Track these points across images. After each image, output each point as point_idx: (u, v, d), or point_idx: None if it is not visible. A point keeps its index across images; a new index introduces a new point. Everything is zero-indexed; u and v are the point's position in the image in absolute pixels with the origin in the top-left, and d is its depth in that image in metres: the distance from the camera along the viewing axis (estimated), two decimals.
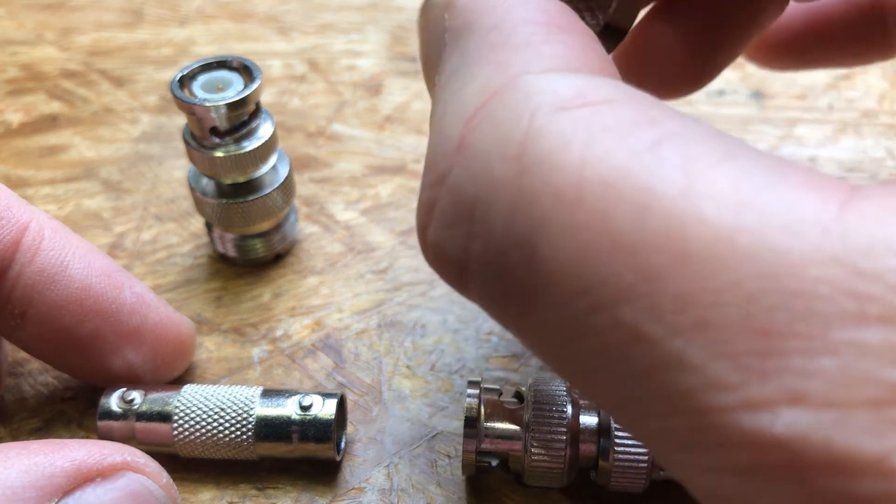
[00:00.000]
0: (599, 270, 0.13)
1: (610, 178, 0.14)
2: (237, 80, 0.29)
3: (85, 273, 0.26)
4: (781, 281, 0.12)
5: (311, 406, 0.26)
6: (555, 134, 0.14)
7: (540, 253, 0.14)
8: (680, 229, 0.13)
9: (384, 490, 0.26)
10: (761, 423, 0.12)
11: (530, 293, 0.14)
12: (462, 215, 0.15)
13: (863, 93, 0.41)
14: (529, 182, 0.14)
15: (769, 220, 0.13)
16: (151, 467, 0.23)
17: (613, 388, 0.14)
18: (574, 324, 0.14)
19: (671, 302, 0.13)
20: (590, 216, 0.14)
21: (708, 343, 0.12)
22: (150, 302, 0.27)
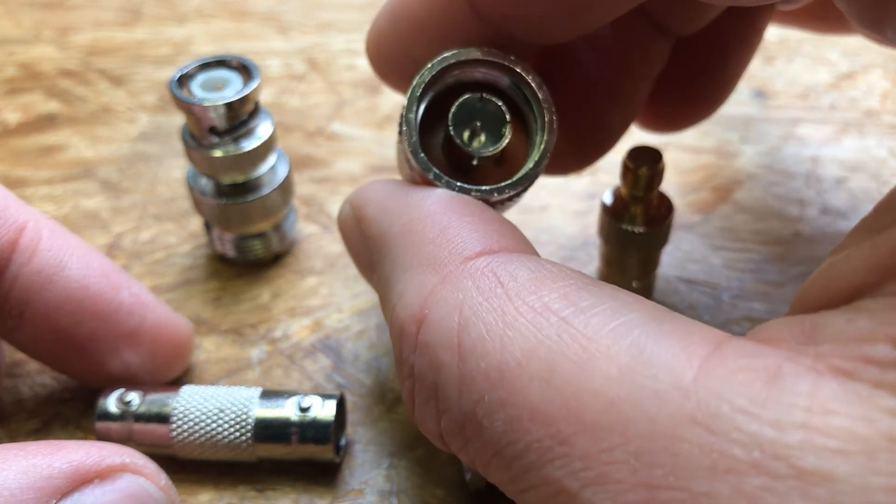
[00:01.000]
0: (524, 438, 0.16)
1: (522, 360, 0.17)
2: (236, 80, 0.29)
3: (83, 273, 0.26)
4: (656, 441, 0.15)
5: (310, 407, 0.26)
6: (478, 325, 0.18)
7: (482, 425, 0.17)
8: (576, 400, 0.16)
9: (384, 492, 0.26)
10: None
11: (486, 457, 0.17)
12: (429, 397, 0.18)
13: (865, 92, 0.40)
14: (465, 367, 0.17)
15: (643, 388, 0.15)
16: (150, 469, 0.23)
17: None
18: (517, 481, 0.17)
19: (579, 461, 0.15)
20: (510, 393, 0.17)
21: (609, 494, 0.15)
22: (148, 302, 0.27)
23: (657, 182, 0.28)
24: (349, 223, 0.24)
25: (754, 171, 0.37)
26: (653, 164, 0.27)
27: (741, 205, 0.35)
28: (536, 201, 0.36)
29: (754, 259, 0.33)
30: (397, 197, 0.22)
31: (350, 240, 0.24)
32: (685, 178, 0.36)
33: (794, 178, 0.36)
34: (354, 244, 0.24)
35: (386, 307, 0.21)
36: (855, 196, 0.35)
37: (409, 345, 0.19)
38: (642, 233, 0.28)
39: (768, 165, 0.37)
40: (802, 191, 0.36)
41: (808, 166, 0.37)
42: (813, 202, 0.35)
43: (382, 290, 0.21)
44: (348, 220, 0.24)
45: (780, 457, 0.14)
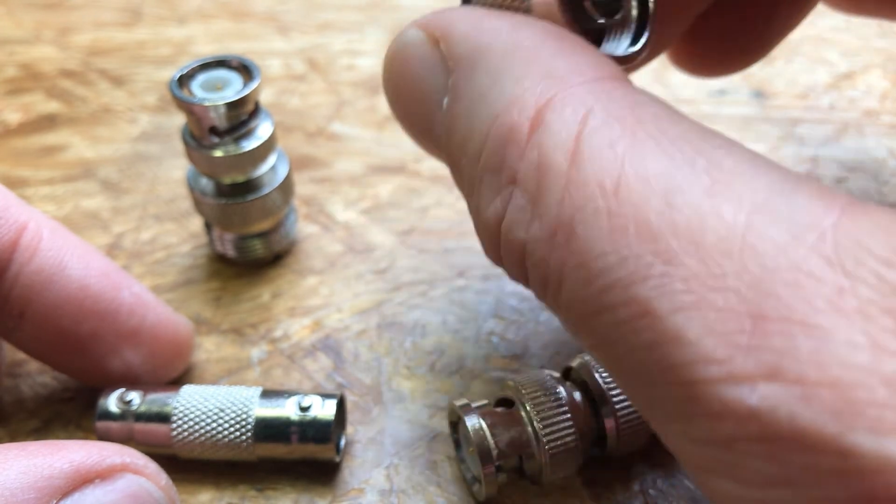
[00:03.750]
0: (622, 251, 0.16)
1: (646, 174, 0.16)
2: (236, 80, 0.29)
3: (83, 273, 0.26)
4: (778, 273, 0.14)
5: (310, 407, 0.26)
6: (603, 135, 0.17)
7: (577, 232, 0.16)
8: (699, 221, 0.15)
9: (384, 491, 0.26)
10: (740, 395, 0.14)
11: (566, 271, 0.17)
12: (527, 203, 0.18)
13: (864, 92, 0.40)
14: (576, 173, 0.17)
15: (777, 223, 0.15)
16: (151, 469, 0.22)
17: (625, 359, 0.16)
18: (592, 300, 0.16)
19: (681, 283, 0.15)
20: (623, 204, 0.16)
21: (704, 321, 0.14)
22: (149, 302, 0.27)
23: None
24: (418, 48, 0.21)
25: None
26: None
27: None
28: None
29: None
30: (496, 18, 0.20)
31: (411, 67, 0.22)
32: None
33: None
34: (417, 72, 0.22)
35: (479, 118, 0.19)
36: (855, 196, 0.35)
37: (517, 149, 0.18)
38: None
39: None
40: None
41: (807, 166, 0.37)
42: None
43: (474, 105, 0.19)
44: (416, 44, 0.22)
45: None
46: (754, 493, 0.14)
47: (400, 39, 0.22)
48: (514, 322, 0.31)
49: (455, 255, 0.33)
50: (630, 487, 0.26)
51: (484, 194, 0.19)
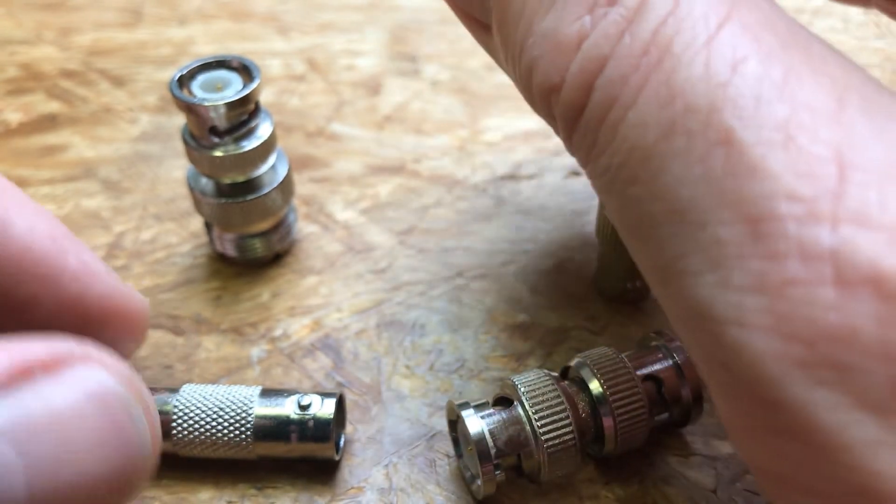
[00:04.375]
0: (716, 77, 0.15)
1: (752, 25, 0.16)
2: (236, 80, 0.29)
3: (27, 233, 0.24)
4: (877, 136, 0.14)
5: (309, 405, 0.26)
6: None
7: (673, 51, 0.16)
8: (798, 80, 0.15)
9: (383, 490, 0.26)
10: (817, 234, 0.13)
11: (647, 87, 0.16)
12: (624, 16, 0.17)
13: None
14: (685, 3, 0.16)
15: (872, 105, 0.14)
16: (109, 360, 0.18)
17: (677, 193, 0.15)
18: (671, 120, 0.15)
19: (772, 118, 0.14)
20: (724, 41, 0.15)
21: (791, 158, 0.14)
22: (98, 272, 0.25)
23: None
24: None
25: None
26: None
27: None
28: (535, 201, 0.36)
29: None
30: None
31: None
32: None
33: None
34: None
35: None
36: None
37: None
38: None
39: None
40: None
41: None
42: None
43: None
44: None
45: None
46: (796, 349, 0.13)
47: None
48: (513, 322, 0.31)
49: (454, 254, 0.34)
50: (628, 486, 0.26)
51: (569, 10, 0.18)
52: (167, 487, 0.26)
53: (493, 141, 0.39)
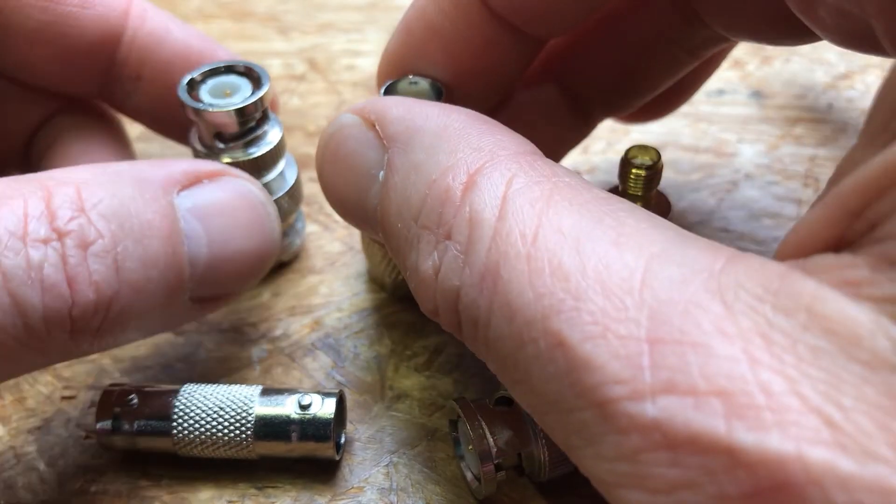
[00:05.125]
0: (539, 289, 0.18)
1: (560, 227, 0.19)
2: (245, 86, 0.29)
3: (184, 34, 0.30)
4: (672, 307, 0.16)
5: (310, 405, 0.26)
6: (525, 195, 0.19)
7: (502, 276, 0.19)
8: (605, 265, 0.18)
9: (383, 489, 0.26)
10: (643, 409, 0.16)
11: (493, 309, 0.19)
12: (459, 251, 0.20)
13: (862, 92, 0.41)
14: (503, 225, 0.19)
15: (672, 266, 0.17)
16: (246, 175, 0.27)
17: (544, 389, 0.18)
18: (517, 335, 0.18)
19: (588, 315, 0.17)
20: (540, 250, 0.18)
21: (609, 347, 0.16)
22: (238, 57, 0.30)
23: (656, 181, 0.28)
24: (354, 129, 0.24)
25: (752, 171, 0.37)
26: (651, 164, 0.27)
27: (739, 204, 0.35)
28: None
29: None
30: (426, 105, 0.23)
31: (348, 147, 0.24)
32: (683, 177, 0.37)
33: (792, 177, 0.36)
34: (354, 151, 0.24)
35: (415, 185, 0.22)
36: None
37: (452, 207, 0.20)
38: None
39: (766, 165, 0.37)
40: (800, 191, 0.36)
41: (806, 166, 0.37)
42: (810, 202, 0.35)
43: (410, 175, 0.22)
44: (352, 126, 0.24)
45: (786, 332, 0.15)
46: (661, 499, 0.16)
47: (335, 123, 0.25)
48: None
49: None
50: None
51: (422, 250, 0.21)
52: (168, 487, 0.26)
53: None
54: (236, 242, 0.25)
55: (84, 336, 0.22)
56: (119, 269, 0.22)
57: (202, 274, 0.25)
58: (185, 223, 0.24)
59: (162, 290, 0.23)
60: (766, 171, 0.37)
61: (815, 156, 0.37)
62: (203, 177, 0.25)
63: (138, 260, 0.23)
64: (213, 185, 0.25)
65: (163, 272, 0.23)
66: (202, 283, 0.25)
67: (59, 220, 0.22)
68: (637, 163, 0.27)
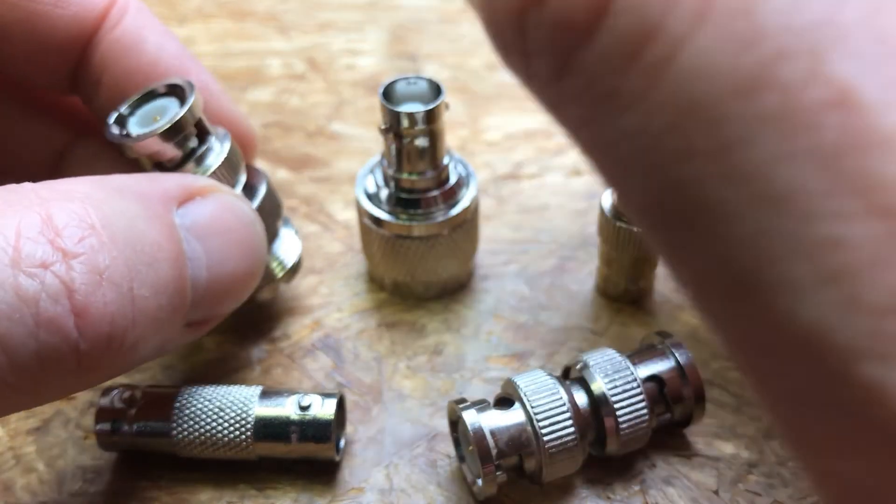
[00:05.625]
0: (819, 6, 0.11)
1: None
2: (173, 105, 0.26)
3: (157, 51, 0.27)
4: None
5: (310, 406, 0.26)
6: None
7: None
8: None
9: (384, 490, 0.26)
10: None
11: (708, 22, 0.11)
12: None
13: None
14: None
15: None
16: (233, 191, 0.26)
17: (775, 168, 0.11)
18: (754, 71, 0.11)
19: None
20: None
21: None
22: (215, 92, 0.28)
23: None
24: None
25: None
26: None
27: None
28: (536, 201, 0.36)
29: None
30: None
31: None
32: None
33: None
34: None
35: None
36: None
37: None
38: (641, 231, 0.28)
39: None
40: None
41: None
42: None
43: None
44: None
45: None
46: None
47: None
48: (514, 322, 0.31)
49: None
50: (630, 487, 0.26)
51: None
52: (167, 488, 0.26)
53: (493, 140, 0.39)
54: (230, 263, 0.24)
55: (92, 373, 0.20)
56: (135, 298, 0.20)
57: (201, 297, 0.23)
58: (186, 244, 0.22)
59: (168, 317, 0.21)
60: None
61: None
62: (196, 193, 0.24)
63: (150, 286, 0.21)
64: (205, 201, 0.24)
65: (171, 298, 0.21)
66: (199, 306, 0.23)
67: (67, 239, 0.19)
68: None
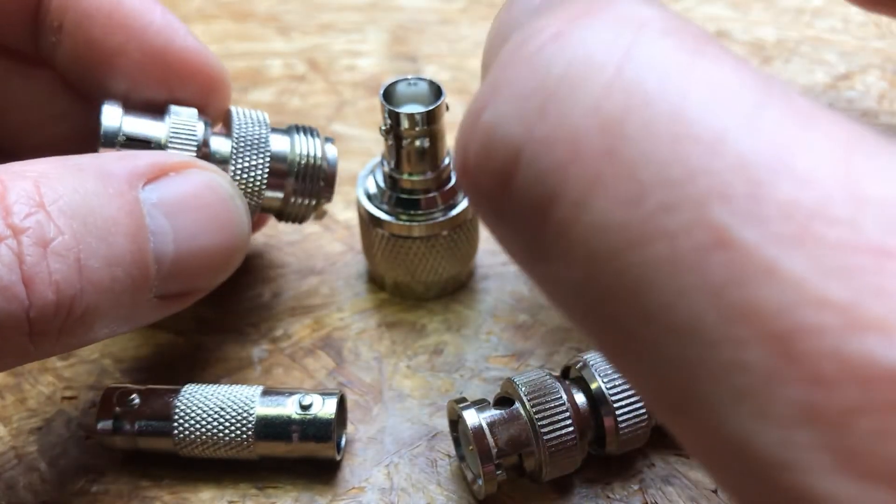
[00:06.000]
0: (692, 161, 0.12)
1: (726, 85, 0.13)
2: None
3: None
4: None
5: (311, 405, 0.26)
6: (659, 44, 0.14)
7: (628, 134, 0.13)
8: (791, 147, 0.12)
9: (384, 489, 0.26)
10: (871, 348, 0.11)
11: (604, 181, 0.13)
12: (540, 89, 0.14)
13: (862, 93, 0.41)
14: (632, 66, 0.13)
15: (877, 154, 0.12)
16: (216, 167, 0.26)
17: (673, 305, 0.12)
18: (645, 224, 0.13)
19: (774, 207, 0.12)
20: (696, 109, 0.13)
21: (812, 256, 0.11)
22: (179, 29, 0.28)
23: None
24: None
25: None
26: None
27: None
28: None
29: None
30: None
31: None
32: None
33: None
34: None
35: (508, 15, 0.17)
36: None
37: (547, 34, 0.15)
38: None
39: None
40: None
41: None
42: None
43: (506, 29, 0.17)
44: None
45: None
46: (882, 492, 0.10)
47: None
48: (514, 322, 0.31)
49: None
50: (629, 486, 0.26)
51: (478, 92, 0.16)
52: (169, 487, 0.26)
53: None
54: (204, 238, 0.24)
55: (45, 338, 0.21)
56: (82, 269, 0.21)
57: (168, 271, 0.24)
58: (150, 219, 0.23)
59: (127, 288, 0.23)
60: None
61: None
62: (169, 169, 0.24)
63: (102, 258, 0.22)
64: (179, 177, 0.24)
65: (128, 270, 0.22)
66: (168, 279, 0.24)
67: (15, 216, 0.21)
68: None
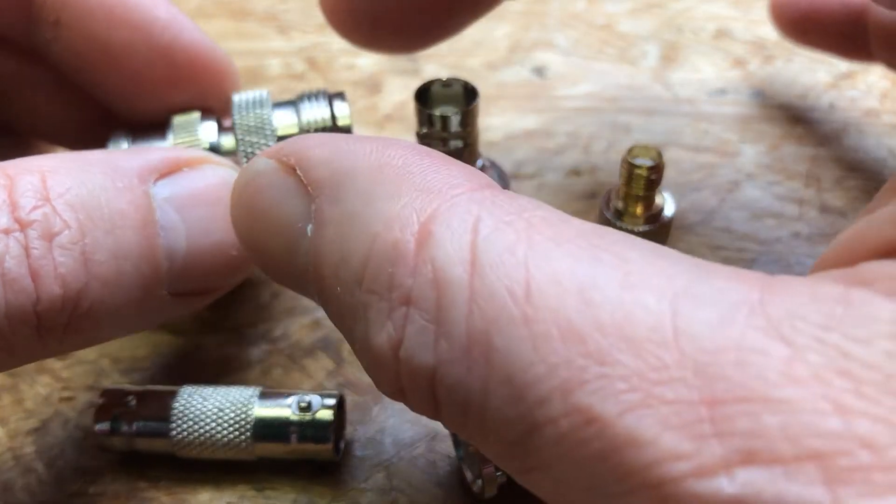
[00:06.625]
0: (550, 358, 0.15)
1: (555, 275, 0.15)
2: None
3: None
4: (721, 355, 0.14)
5: (309, 406, 0.26)
6: (500, 241, 0.16)
7: (495, 345, 0.15)
8: (624, 315, 0.14)
9: (384, 490, 0.26)
10: (718, 487, 0.13)
11: (491, 389, 0.15)
12: (428, 322, 0.16)
13: (864, 92, 0.40)
14: (481, 283, 0.16)
15: (703, 306, 0.14)
16: (229, 163, 0.25)
17: (574, 476, 0.15)
18: (531, 415, 0.15)
19: (621, 382, 0.14)
20: (539, 309, 0.15)
21: (658, 417, 0.13)
22: (185, 23, 0.27)
23: (657, 181, 0.28)
24: (271, 176, 0.20)
25: (754, 171, 0.37)
26: (653, 163, 0.27)
27: (740, 204, 0.35)
28: None
29: (753, 259, 0.33)
30: (356, 141, 0.20)
31: (266, 197, 0.20)
32: (685, 176, 0.36)
33: (794, 177, 0.36)
34: (273, 202, 0.20)
35: (354, 242, 0.18)
36: (854, 196, 0.35)
37: (407, 266, 0.17)
38: (642, 232, 0.28)
39: (768, 165, 0.37)
40: (801, 191, 0.36)
41: (807, 166, 0.37)
42: (812, 202, 0.35)
43: (346, 228, 0.18)
44: (269, 173, 0.20)
45: (872, 366, 0.13)
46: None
47: (248, 170, 0.21)
48: None
49: None
50: None
51: (372, 320, 0.17)
52: (166, 489, 0.26)
53: (493, 140, 0.39)
54: (218, 234, 0.24)
55: (52, 333, 0.21)
56: (87, 262, 0.21)
57: (181, 266, 0.23)
58: (161, 213, 0.23)
59: (136, 283, 0.22)
60: (767, 170, 0.37)
61: (816, 155, 0.37)
62: (183, 164, 0.24)
63: (108, 252, 0.21)
64: (193, 173, 0.24)
65: (136, 265, 0.22)
66: (181, 275, 0.24)
67: (22, 209, 0.20)
68: (639, 163, 0.27)
